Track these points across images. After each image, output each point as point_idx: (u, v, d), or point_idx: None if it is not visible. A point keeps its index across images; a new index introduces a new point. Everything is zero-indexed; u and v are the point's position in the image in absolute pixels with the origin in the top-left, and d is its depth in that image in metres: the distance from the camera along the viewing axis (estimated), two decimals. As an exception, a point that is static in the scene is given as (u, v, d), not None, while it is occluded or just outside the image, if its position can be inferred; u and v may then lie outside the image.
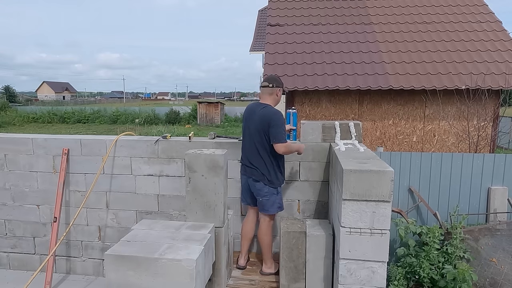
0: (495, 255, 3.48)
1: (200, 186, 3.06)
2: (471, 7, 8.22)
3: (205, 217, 3.09)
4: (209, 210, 3.08)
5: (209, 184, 3.04)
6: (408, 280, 3.46)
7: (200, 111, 26.03)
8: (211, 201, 3.06)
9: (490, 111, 6.47)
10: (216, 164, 2.99)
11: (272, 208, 3.31)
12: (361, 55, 7.17)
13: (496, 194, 3.79)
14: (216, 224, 3.08)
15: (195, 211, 3.10)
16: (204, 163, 3.01)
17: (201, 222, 3.10)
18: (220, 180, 3.03)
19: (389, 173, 2.36)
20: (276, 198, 3.33)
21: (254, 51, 17.81)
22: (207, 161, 3.00)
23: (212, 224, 3.07)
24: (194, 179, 3.06)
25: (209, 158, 3.00)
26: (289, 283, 3.07)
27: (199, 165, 3.03)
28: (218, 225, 3.09)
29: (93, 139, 4.02)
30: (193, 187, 3.07)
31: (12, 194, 4.15)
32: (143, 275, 2.51)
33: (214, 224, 3.08)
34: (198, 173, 3.04)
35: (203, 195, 3.07)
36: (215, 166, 3.00)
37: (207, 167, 3.01)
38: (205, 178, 3.03)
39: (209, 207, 3.07)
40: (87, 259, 4.15)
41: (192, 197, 3.09)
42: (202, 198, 3.07)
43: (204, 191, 3.06)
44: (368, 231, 2.43)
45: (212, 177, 3.02)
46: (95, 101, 73.10)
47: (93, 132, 21.23)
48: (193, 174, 3.05)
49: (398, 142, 7.00)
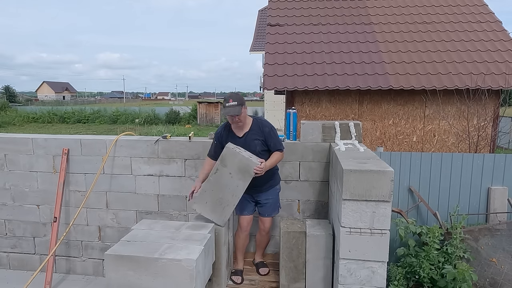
0: (495, 255, 3.48)
1: (222, 181, 3.02)
2: (471, 7, 8.22)
3: (212, 211, 3.06)
4: (218, 207, 3.04)
5: (232, 184, 3.00)
6: (408, 280, 3.46)
7: (200, 111, 26.03)
8: (225, 200, 3.03)
9: (490, 111, 6.46)
10: (247, 169, 2.95)
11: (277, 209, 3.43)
12: (361, 55, 7.17)
13: (496, 194, 3.79)
14: (218, 222, 3.06)
15: (206, 201, 3.06)
16: (237, 163, 2.97)
17: (205, 214, 3.07)
18: (243, 185, 3.00)
19: (389, 173, 2.36)
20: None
21: (254, 51, 17.81)
22: (241, 163, 2.96)
23: (212, 224, 3.07)
24: (221, 172, 3.02)
25: (245, 162, 2.96)
26: (289, 283, 3.07)
27: (232, 162, 2.98)
28: (220, 223, 3.07)
29: (93, 139, 4.02)
30: (215, 179, 3.03)
31: (12, 194, 4.15)
32: (143, 275, 2.51)
33: (216, 221, 3.06)
34: (227, 169, 3.00)
35: (221, 190, 3.03)
36: (246, 171, 2.96)
37: (239, 168, 2.97)
38: (231, 177, 3.00)
39: (220, 203, 3.04)
40: (87, 259, 4.15)
41: (210, 187, 3.06)
42: (218, 193, 3.03)
43: (224, 187, 3.02)
44: (368, 231, 2.43)
45: (238, 179, 2.99)
46: (95, 101, 73.11)
47: (93, 132, 21.23)
48: (223, 168, 3.01)
49: (398, 142, 7.00)
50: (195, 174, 3.86)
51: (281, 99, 15.57)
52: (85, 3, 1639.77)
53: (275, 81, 6.78)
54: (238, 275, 3.42)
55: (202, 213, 3.11)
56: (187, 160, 3.86)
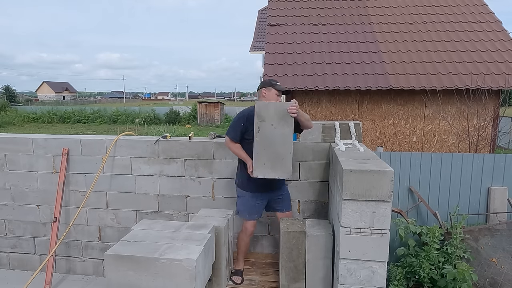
0: (495, 255, 3.48)
1: (268, 136, 2.94)
2: (471, 7, 8.22)
3: (273, 168, 2.98)
4: (277, 161, 2.96)
5: (278, 134, 2.93)
6: (408, 280, 3.46)
7: (200, 111, 26.03)
8: (280, 152, 2.95)
9: (490, 111, 6.47)
10: (285, 113, 2.88)
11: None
12: (361, 55, 7.17)
13: (496, 194, 3.79)
14: (284, 176, 2.98)
15: (263, 162, 2.98)
16: (274, 112, 2.91)
17: (268, 175, 2.99)
18: (290, 130, 2.91)
19: (389, 173, 2.36)
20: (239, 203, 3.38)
21: (254, 51, 17.80)
22: (277, 110, 2.90)
23: (212, 224, 3.07)
24: (263, 128, 2.94)
25: (280, 107, 2.90)
26: (289, 283, 3.07)
27: (268, 114, 2.91)
28: (287, 176, 2.98)
29: (93, 139, 4.02)
30: (261, 137, 2.95)
31: (12, 194, 4.15)
32: (143, 275, 2.51)
33: (282, 176, 2.98)
34: (268, 122, 2.93)
35: (271, 145, 2.95)
36: (285, 115, 2.89)
37: (277, 116, 2.90)
38: (274, 128, 2.92)
39: (277, 157, 2.96)
40: (87, 259, 4.15)
41: (260, 147, 2.97)
42: (271, 149, 2.95)
43: (273, 141, 2.94)
44: (368, 231, 2.43)
45: (282, 127, 2.91)
46: (95, 101, 73.12)
47: (93, 132, 21.23)
48: (262, 123, 2.94)
49: (398, 142, 7.00)
50: (195, 174, 3.86)
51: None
52: (85, 3, 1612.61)
53: (275, 81, 6.77)
54: (238, 275, 3.42)
55: (265, 176, 3.01)
56: (187, 160, 3.86)
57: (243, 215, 3.35)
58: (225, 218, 3.31)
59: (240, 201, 3.37)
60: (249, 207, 3.29)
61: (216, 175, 3.85)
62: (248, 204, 3.30)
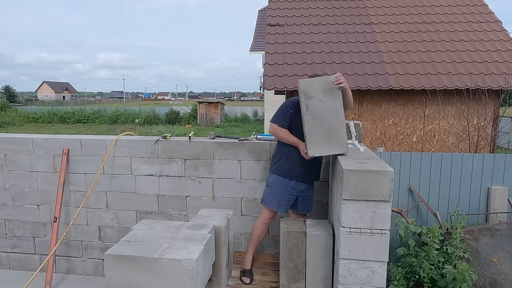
0: (495, 255, 3.48)
1: (318, 113, 2.84)
2: (471, 7, 8.22)
3: (328, 144, 2.86)
4: (331, 136, 2.85)
5: (328, 108, 2.83)
6: (408, 280, 3.46)
7: (200, 111, 26.04)
8: (333, 127, 2.84)
9: (490, 111, 6.47)
10: (331, 86, 2.81)
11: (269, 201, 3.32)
12: (361, 55, 7.17)
13: (496, 194, 3.79)
14: (341, 151, 2.87)
15: (317, 140, 2.87)
16: (320, 87, 2.82)
17: (324, 152, 2.90)
18: (339, 103, 2.83)
19: (389, 173, 2.36)
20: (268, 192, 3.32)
21: (254, 51, 17.81)
22: (322, 84, 2.82)
23: (212, 224, 3.07)
24: (312, 105, 2.84)
25: (325, 81, 2.82)
26: (289, 283, 3.07)
27: (315, 90, 2.83)
28: (344, 151, 2.87)
29: (93, 139, 4.02)
30: (311, 115, 2.85)
31: (12, 194, 4.15)
32: (143, 275, 2.51)
33: (339, 151, 2.88)
34: (315, 98, 2.84)
35: (323, 121, 2.85)
36: (331, 88, 2.81)
37: (324, 91, 2.82)
38: (323, 103, 2.83)
39: (331, 133, 2.85)
40: (87, 259, 4.15)
41: (311, 125, 2.86)
42: (323, 125, 2.85)
43: (323, 116, 2.84)
44: (368, 231, 2.43)
45: (330, 101, 2.82)
46: (95, 101, 73.11)
47: (93, 132, 21.23)
48: (310, 101, 2.84)
49: (398, 142, 7.00)
50: (195, 174, 3.86)
51: (281, 99, 15.57)
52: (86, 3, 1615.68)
53: (275, 81, 6.78)
54: (246, 275, 3.39)
55: (321, 153, 2.91)
56: (187, 160, 3.86)
57: (270, 205, 3.27)
58: (225, 218, 3.31)
59: (271, 190, 3.28)
60: (280, 197, 3.23)
61: (216, 175, 3.85)
62: (281, 194, 3.24)
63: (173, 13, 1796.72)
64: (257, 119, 28.11)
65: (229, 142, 3.83)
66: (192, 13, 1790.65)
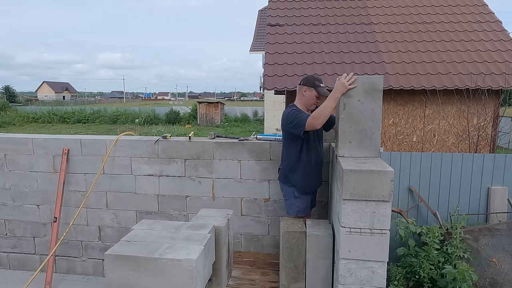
0: (495, 255, 3.48)
1: (355, 113, 2.77)
2: (471, 7, 8.22)
3: (360, 146, 2.80)
4: (365, 139, 2.78)
5: (366, 110, 2.75)
6: (408, 280, 3.46)
7: (200, 111, 26.04)
8: (368, 129, 2.77)
9: (490, 111, 6.47)
10: (374, 87, 2.73)
11: (290, 210, 3.37)
12: (361, 55, 7.17)
13: (496, 194, 3.79)
14: (372, 154, 2.80)
15: (349, 141, 2.80)
16: (361, 87, 2.74)
17: (354, 154, 2.81)
18: (378, 106, 2.74)
19: (389, 173, 2.36)
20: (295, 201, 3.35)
21: (254, 51, 17.81)
22: (365, 84, 2.74)
23: (212, 224, 3.07)
24: (349, 105, 2.76)
25: (367, 81, 2.74)
26: (289, 283, 3.07)
27: (355, 89, 2.75)
28: (375, 155, 2.80)
29: (93, 139, 4.02)
30: (347, 114, 2.77)
31: (12, 194, 4.15)
32: (143, 275, 2.51)
33: (370, 155, 2.79)
34: (354, 98, 2.73)
35: (358, 122, 2.77)
36: (373, 90, 2.73)
37: (365, 91, 2.74)
38: (362, 104, 2.75)
39: (365, 135, 2.78)
40: (87, 259, 4.15)
41: (346, 125, 2.79)
42: (358, 126, 2.78)
43: (360, 118, 2.77)
44: (368, 231, 2.43)
45: (370, 102, 2.74)
46: (95, 101, 73.12)
47: (93, 132, 21.23)
48: (348, 100, 2.74)
49: (398, 142, 7.00)
50: (195, 174, 3.86)
51: (281, 99, 15.57)
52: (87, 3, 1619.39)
53: (275, 81, 6.78)
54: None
55: (351, 155, 2.83)
56: (187, 160, 3.86)
57: (297, 212, 3.36)
58: (225, 218, 3.31)
59: (293, 203, 3.36)
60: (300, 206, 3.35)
61: (216, 175, 3.85)
62: (301, 203, 3.35)
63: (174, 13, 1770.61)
64: (257, 119, 28.11)
65: (229, 142, 3.83)
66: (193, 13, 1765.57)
